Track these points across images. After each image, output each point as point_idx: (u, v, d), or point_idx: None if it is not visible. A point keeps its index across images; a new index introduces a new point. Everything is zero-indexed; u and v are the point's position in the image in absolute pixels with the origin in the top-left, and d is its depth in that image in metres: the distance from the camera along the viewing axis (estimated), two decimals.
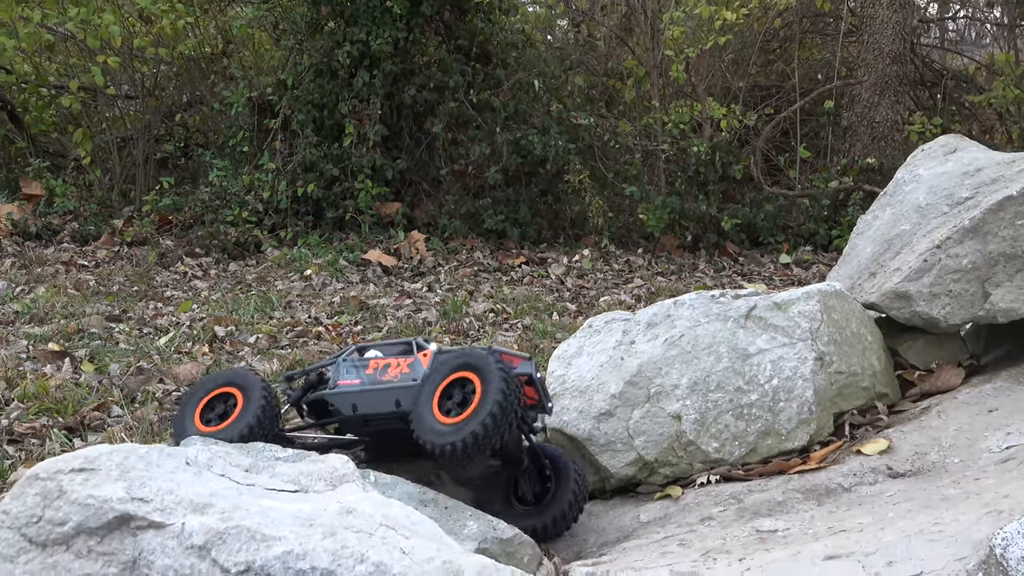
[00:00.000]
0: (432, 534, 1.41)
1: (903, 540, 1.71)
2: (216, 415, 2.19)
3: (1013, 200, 2.64)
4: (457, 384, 2.10)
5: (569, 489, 2.28)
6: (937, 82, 9.43)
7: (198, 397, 2.22)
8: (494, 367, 2.04)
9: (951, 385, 2.71)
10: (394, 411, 2.22)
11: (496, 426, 1.95)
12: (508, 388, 2.01)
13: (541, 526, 2.24)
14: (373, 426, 2.28)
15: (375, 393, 2.24)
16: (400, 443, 2.28)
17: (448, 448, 1.95)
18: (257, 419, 2.12)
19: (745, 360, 2.50)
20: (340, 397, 2.27)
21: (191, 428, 2.14)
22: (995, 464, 2.15)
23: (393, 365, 2.30)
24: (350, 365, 2.34)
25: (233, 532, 1.29)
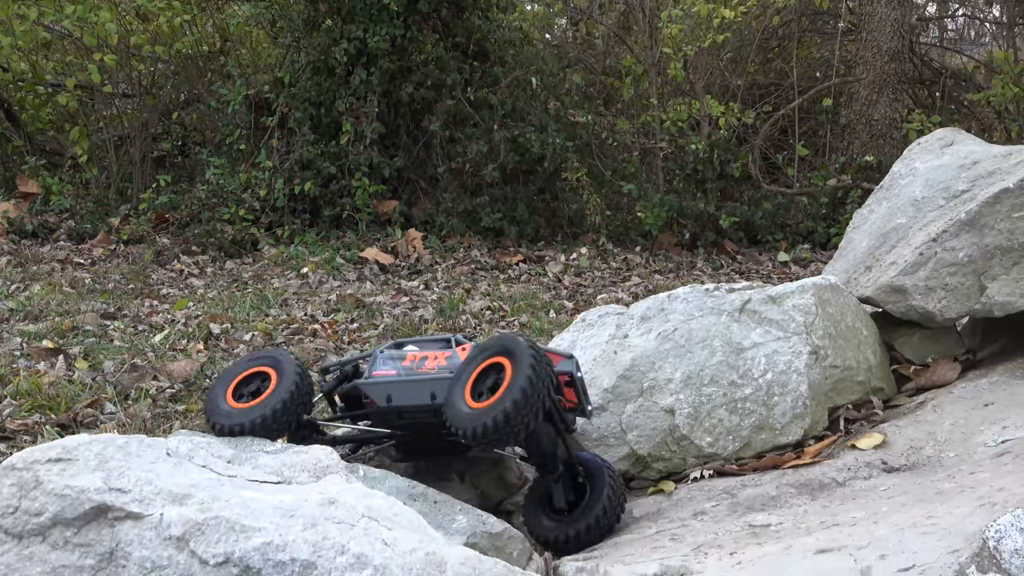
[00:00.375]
0: (415, 525, 1.39)
1: (896, 533, 1.69)
2: (249, 392, 2.15)
3: (1010, 193, 2.62)
4: (492, 369, 2.08)
5: (603, 496, 2.21)
6: (936, 80, 9.41)
7: (234, 373, 2.19)
8: (525, 350, 2.02)
9: (947, 379, 2.69)
10: (429, 403, 2.18)
11: (522, 407, 1.93)
12: (537, 369, 1.98)
13: (573, 535, 2.17)
14: (407, 419, 2.23)
15: (411, 384, 2.21)
16: (433, 438, 2.26)
17: (471, 430, 1.93)
18: (287, 399, 2.08)
19: (739, 354, 2.48)
20: (375, 387, 2.24)
21: (222, 404, 2.10)
22: (990, 458, 2.13)
23: (431, 358, 2.27)
24: (387, 357, 2.32)
25: (212, 523, 1.27)
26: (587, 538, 2.16)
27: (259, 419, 2.03)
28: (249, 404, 2.09)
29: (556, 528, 2.19)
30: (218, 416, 2.06)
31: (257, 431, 2.03)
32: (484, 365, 2.08)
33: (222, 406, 2.10)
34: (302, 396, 2.13)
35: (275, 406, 2.06)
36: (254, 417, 2.03)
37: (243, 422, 2.02)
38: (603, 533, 2.18)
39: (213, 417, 2.07)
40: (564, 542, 2.16)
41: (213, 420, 2.06)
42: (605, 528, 2.19)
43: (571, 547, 2.15)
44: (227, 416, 2.05)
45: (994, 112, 9.12)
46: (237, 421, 2.03)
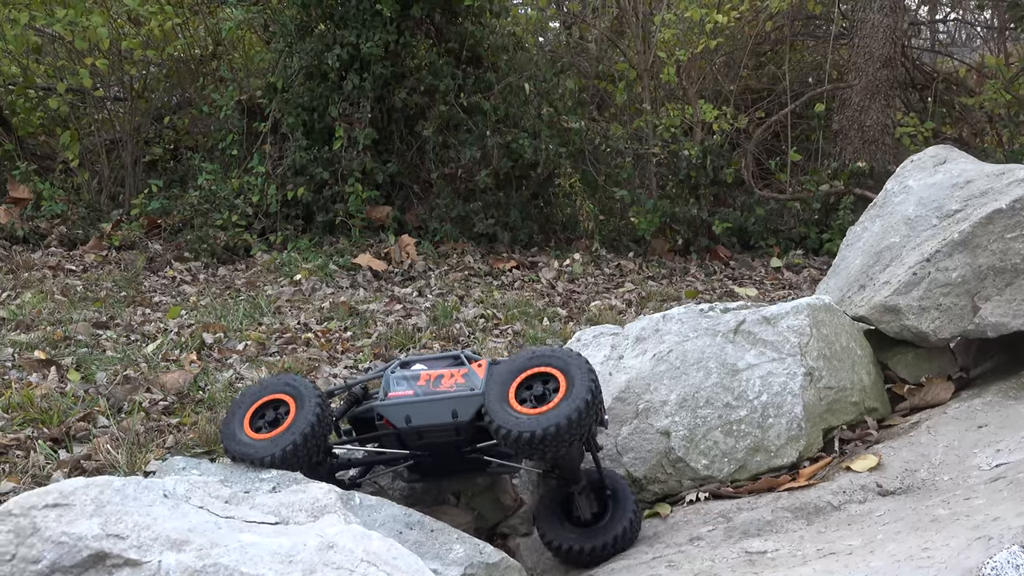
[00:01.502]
0: (413, 569, 1.38)
1: (892, 566, 1.70)
2: (266, 422, 2.14)
3: (1003, 213, 2.64)
4: (537, 378, 2.10)
5: (628, 512, 2.26)
6: (928, 85, 9.44)
7: (248, 402, 2.17)
8: (583, 365, 2.06)
9: (941, 399, 2.70)
10: (451, 422, 2.18)
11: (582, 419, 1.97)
12: (595, 386, 2.03)
13: (598, 546, 2.21)
14: (427, 438, 2.22)
15: (431, 404, 2.20)
16: (450, 458, 2.26)
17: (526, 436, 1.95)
18: (310, 430, 2.06)
19: (734, 375, 2.49)
20: (393, 409, 2.22)
21: (240, 434, 2.09)
22: (985, 483, 2.14)
23: (447, 376, 2.27)
24: (400, 377, 2.30)
25: (211, 570, 1.26)
26: (609, 551, 2.21)
27: (281, 452, 2.02)
28: (268, 435, 2.07)
29: (579, 539, 2.22)
30: (237, 447, 2.05)
31: (284, 463, 2.01)
32: (529, 373, 2.10)
33: (239, 435, 2.09)
34: (324, 426, 2.12)
35: (295, 440, 2.05)
36: (277, 450, 2.02)
37: (266, 455, 2.01)
38: (623, 548, 2.23)
39: (233, 449, 2.05)
40: (586, 552, 2.19)
41: (233, 452, 2.05)
42: (625, 543, 2.23)
43: (590, 559, 2.19)
44: (248, 448, 2.04)
45: (986, 117, 9.15)
46: (261, 454, 2.02)
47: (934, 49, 10.94)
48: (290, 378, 2.21)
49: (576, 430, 1.97)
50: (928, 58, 10.60)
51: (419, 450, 2.26)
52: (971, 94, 9.16)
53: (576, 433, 1.98)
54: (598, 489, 2.29)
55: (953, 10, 11.16)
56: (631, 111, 8.24)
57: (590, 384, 2.02)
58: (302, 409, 2.11)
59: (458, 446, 2.22)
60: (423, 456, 2.28)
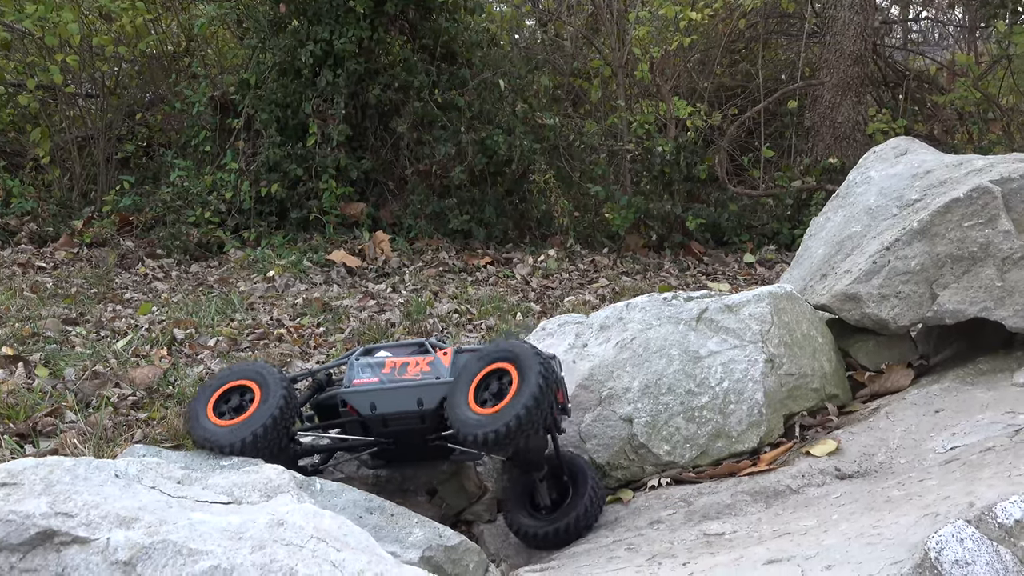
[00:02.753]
0: (364, 546, 1.39)
1: (843, 543, 1.72)
2: (230, 408, 2.11)
3: (960, 203, 2.68)
4: (494, 375, 2.10)
5: (586, 495, 2.27)
6: (900, 82, 9.53)
7: (213, 388, 2.15)
8: (533, 357, 2.05)
9: (900, 386, 2.74)
10: (416, 409, 2.19)
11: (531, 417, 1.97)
12: (547, 378, 2.02)
13: (554, 531, 2.22)
14: (392, 426, 2.23)
15: (396, 391, 2.21)
16: (414, 445, 2.26)
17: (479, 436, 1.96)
18: (275, 418, 2.04)
19: (696, 362, 2.51)
20: (358, 396, 2.22)
21: (203, 420, 2.07)
22: (939, 465, 2.17)
23: (412, 364, 2.27)
24: (365, 364, 2.30)
25: (159, 547, 1.27)
26: (568, 534, 2.22)
27: (241, 442, 1.99)
28: (232, 421, 2.05)
29: (538, 524, 2.24)
30: (202, 433, 2.03)
31: (247, 451, 1.99)
32: (487, 371, 2.09)
33: (203, 421, 2.07)
34: (289, 414, 2.09)
35: (264, 424, 2.02)
36: (237, 439, 1.99)
37: (227, 444, 1.99)
38: (583, 530, 2.24)
39: (196, 434, 2.04)
40: (545, 537, 2.20)
41: (196, 438, 2.02)
42: (584, 526, 2.25)
43: (552, 543, 2.21)
44: (212, 435, 2.02)
45: (956, 114, 9.26)
46: (223, 442, 1.99)
47: (906, 47, 11.05)
48: (257, 365, 2.20)
49: (529, 424, 1.97)
50: (900, 56, 10.71)
51: (384, 437, 2.27)
52: (942, 92, 9.26)
53: (530, 426, 1.98)
54: (557, 474, 2.30)
55: (924, 8, 11.28)
56: (606, 108, 8.27)
57: (539, 377, 2.01)
58: (267, 396, 2.09)
59: (423, 433, 2.23)
60: (387, 443, 2.29)
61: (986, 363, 2.74)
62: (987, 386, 2.59)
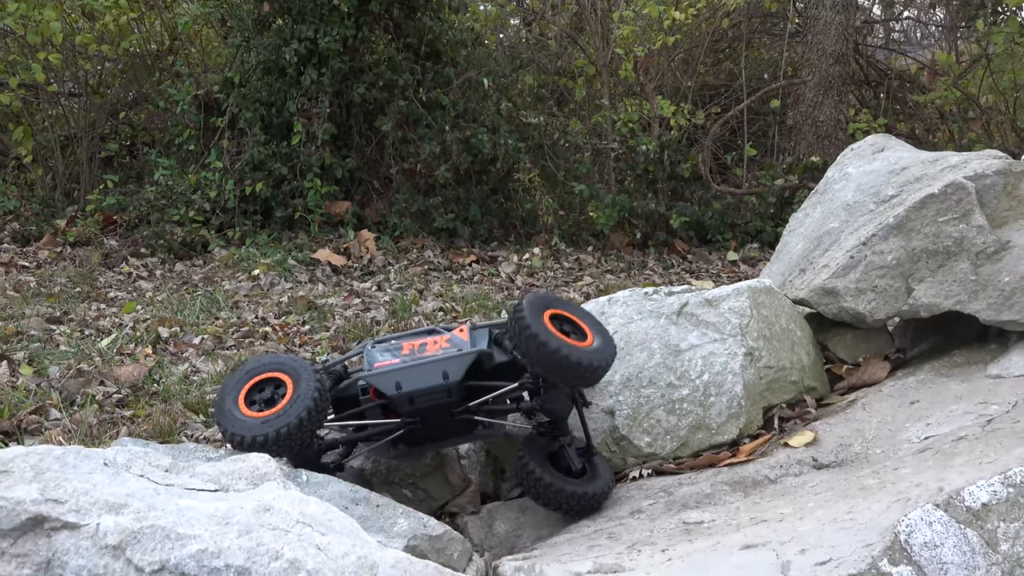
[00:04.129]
0: (349, 530, 1.42)
1: (818, 529, 1.77)
2: (262, 400, 2.09)
3: (935, 198, 2.73)
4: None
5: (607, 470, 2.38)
6: (882, 81, 9.63)
7: (243, 379, 2.12)
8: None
9: (877, 378, 2.79)
10: (442, 383, 2.20)
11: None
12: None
13: (591, 493, 2.29)
14: (418, 403, 2.23)
15: (420, 367, 2.22)
16: (440, 423, 2.27)
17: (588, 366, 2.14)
18: (310, 410, 2.02)
19: (677, 356, 2.55)
20: (382, 377, 2.22)
21: (235, 410, 2.03)
22: (913, 454, 2.22)
23: (431, 343, 2.30)
24: (382, 349, 2.31)
25: (148, 531, 1.29)
26: (598, 500, 2.31)
27: (284, 430, 1.96)
28: (266, 413, 2.02)
29: (569, 485, 2.29)
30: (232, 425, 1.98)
31: (280, 444, 1.96)
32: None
33: (234, 412, 2.02)
34: (321, 409, 2.07)
35: (299, 416, 2.00)
36: (278, 428, 1.96)
37: (266, 433, 1.95)
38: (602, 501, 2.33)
39: (228, 426, 1.98)
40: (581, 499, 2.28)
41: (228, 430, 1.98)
42: (605, 497, 2.34)
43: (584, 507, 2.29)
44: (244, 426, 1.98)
45: (937, 113, 9.36)
46: (259, 432, 1.96)
47: (888, 47, 11.16)
48: (288, 356, 2.18)
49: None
50: (883, 55, 10.81)
51: (410, 417, 2.26)
52: (924, 91, 9.36)
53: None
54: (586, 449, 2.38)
55: (906, 8, 11.39)
56: (590, 107, 8.32)
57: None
58: (300, 389, 2.07)
59: (449, 408, 2.24)
60: (414, 423, 2.28)
61: (961, 355, 2.79)
62: (961, 378, 2.65)
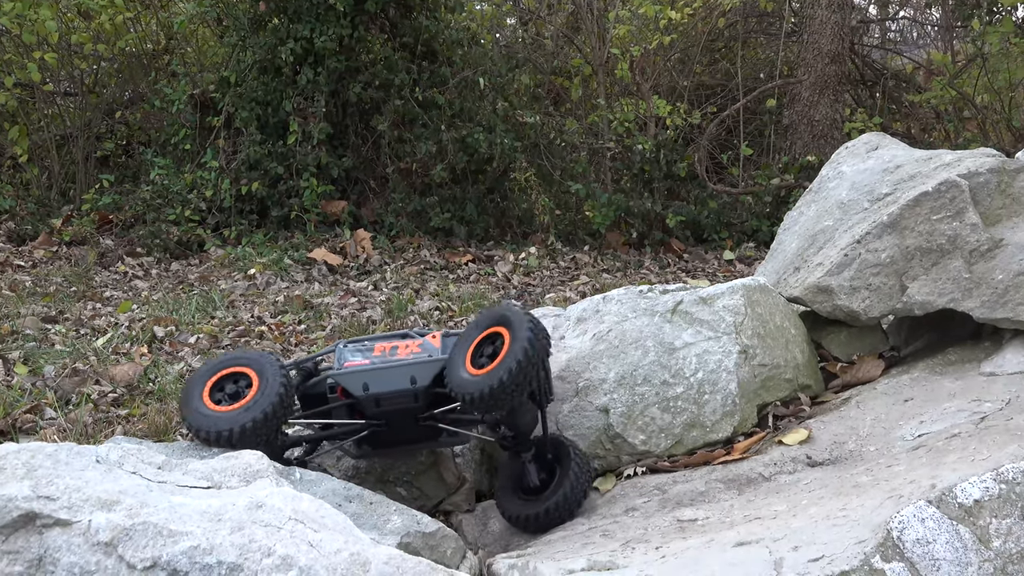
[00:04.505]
0: (341, 527, 1.43)
1: (811, 526, 1.77)
2: (227, 395, 2.10)
3: (929, 196, 2.73)
4: (488, 340, 2.16)
5: (569, 474, 2.29)
6: (877, 81, 9.64)
7: (208, 374, 2.13)
8: (523, 320, 2.11)
9: (871, 376, 2.80)
10: (410, 387, 2.22)
11: (521, 372, 2.03)
12: (535, 338, 2.08)
13: (542, 512, 2.25)
14: (385, 406, 2.24)
15: (389, 370, 2.23)
16: (405, 427, 2.28)
17: (472, 396, 2.04)
18: (274, 405, 2.03)
19: (671, 354, 2.56)
20: (350, 377, 2.24)
21: (199, 405, 2.04)
22: (907, 451, 2.23)
23: (402, 346, 2.30)
24: (354, 349, 2.32)
25: (140, 528, 1.29)
26: (555, 515, 2.25)
27: (249, 424, 1.97)
28: (230, 407, 2.03)
29: (526, 506, 2.27)
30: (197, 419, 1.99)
31: (244, 438, 1.96)
32: (483, 336, 2.15)
33: (198, 407, 2.03)
34: (286, 404, 2.08)
35: (264, 411, 2.01)
36: (242, 422, 1.97)
37: (230, 428, 1.96)
38: (571, 508, 2.27)
39: (192, 420, 2.00)
40: (534, 519, 2.24)
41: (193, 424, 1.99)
42: (573, 503, 2.27)
43: (541, 524, 2.23)
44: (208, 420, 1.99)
45: (933, 113, 9.37)
46: (223, 427, 1.97)
47: (884, 46, 11.17)
48: (254, 352, 2.20)
49: (518, 384, 2.04)
50: (879, 55, 10.82)
51: (375, 419, 2.28)
52: (920, 90, 9.37)
53: (519, 381, 2.04)
54: (543, 454, 2.34)
55: (902, 8, 11.41)
56: (586, 106, 8.32)
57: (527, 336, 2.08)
58: (265, 384, 2.08)
59: (415, 413, 2.25)
60: (378, 426, 2.30)
61: (955, 353, 2.80)
62: (955, 376, 2.65)
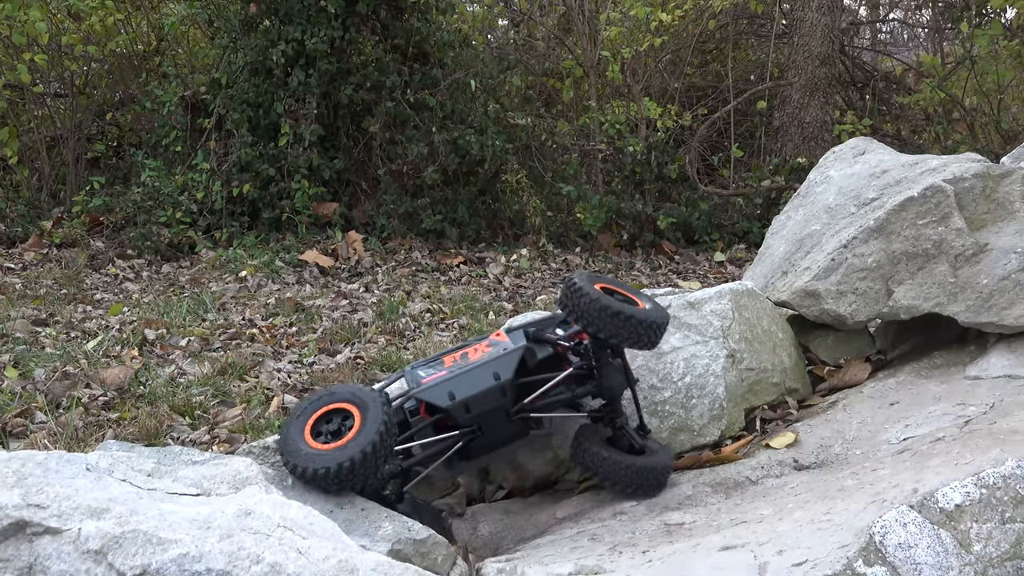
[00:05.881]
0: (330, 534, 1.44)
1: (796, 530, 1.79)
2: (329, 432, 2.06)
3: (915, 201, 2.76)
4: None
5: (663, 446, 2.41)
6: (867, 83, 9.69)
7: (310, 411, 2.10)
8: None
9: (858, 380, 2.82)
10: (495, 383, 2.22)
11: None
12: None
13: (658, 466, 2.32)
14: (475, 409, 2.23)
15: (470, 373, 2.24)
16: (497, 427, 2.28)
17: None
18: (375, 441, 1.98)
19: (659, 358, 2.57)
20: (434, 390, 2.22)
21: (300, 443, 2.00)
22: (892, 455, 2.25)
23: (471, 351, 2.31)
24: (422, 365, 2.33)
25: (130, 536, 1.30)
26: (665, 473, 2.35)
27: (347, 463, 1.94)
28: (332, 445, 1.99)
29: (638, 459, 2.32)
30: (297, 458, 1.96)
31: (344, 477, 1.94)
32: None
33: (300, 445, 1.99)
34: (388, 438, 2.03)
35: (363, 449, 1.97)
36: (341, 460, 1.94)
37: (329, 466, 1.94)
38: (667, 476, 2.37)
39: (292, 460, 1.97)
40: (651, 470, 2.32)
41: (292, 464, 1.96)
42: (669, 471, 2.38)
43: (652, 479, 2.32)
44: (310, 458, 1.96)
45: (923, 114, 9.42)
46: (323, 464, 1.94)
47: (875, 48, 11.23)
48: (356, 387, 2.15)
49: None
50: (870, 57, 10.88)
51: (467, 425, 2.26)
52: (910, 92, 9.42)
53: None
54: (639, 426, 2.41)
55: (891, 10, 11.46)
56: (578, 108, 8.35)
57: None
58: (367, 421, 2.04)
59: (506, 409, 2.26)
60: (472, 432, 2.28)
61: (941, 357, 2.82)
62: (941, 379, 2.68)
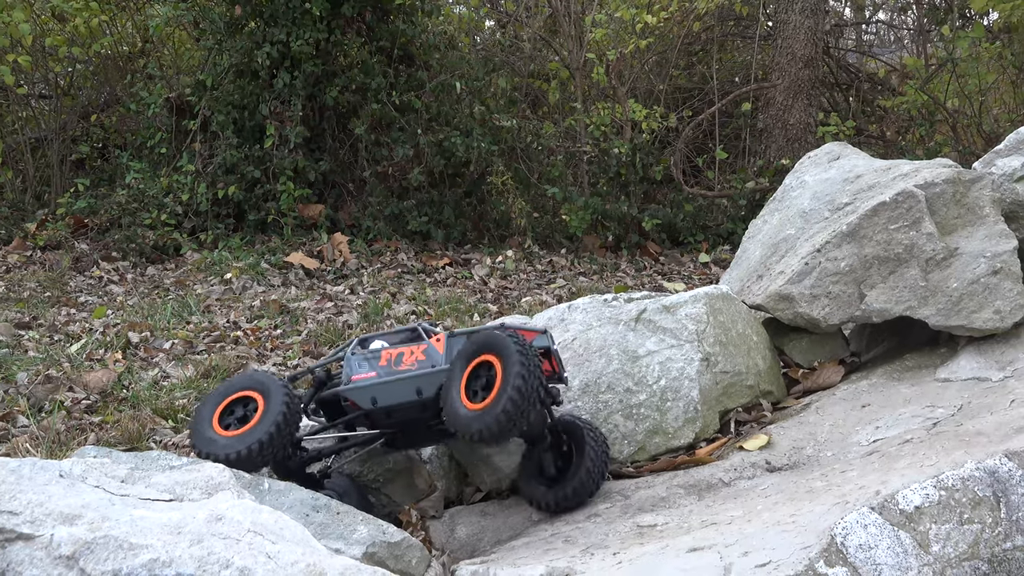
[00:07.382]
0: (299, 538, 1.46)
1: (761, 531, 1.83)
2: (235, 419, 2.17)
3: (886, 206, 2.80)
4: (483, 367, 2.15)
5: (586, 458, 2.34)
6: (851, 84, 9.75)
7: (216, 400, 2.21)
8: (513, 348, 2.09)
9: (831, 382, 2.86)
10: (416, 399, 2.25)
11: (519, 406, 2.01)
12: (528, 367, 2.06)
13: (563, 496, 2.31)
14: (395, 417, 2.28)
15: (394, 384, 2.27)
16: (421, 431, 2.33)
17: (476, 434, 2.03)
18: (278, 425, 2.11)
19: (635, 362, 2.61)
20: (358, 392, 2.28)
21: (209, 432, 2.12)
22: (861, 457, 2.29)
23: (407, 353, 2.33)
24: (361, 358, 2.35)
25: (101, 541, 1.33)
26: (576, 497, 2.32)
27: (256, 446, 2.07)
28: (237, 432, 2.11)
29: (549, 492, 2.33)
30: (207, 445, 2.09)
31: (253, 460, 2.07)
32: (474, 364, 2.15)
33: (208, 434, 2.12)
34: (290, 423, 2.16)
35: (264, 435, 2.09)
36: (248, 444, 2.07)
37: (238, 450, 2.06)
38: (592, 490, 2.34)
39: (203, 447, 2.09)
40: (557, 503, 2.31)
41: (203, 451, 2.08)
42: (593, 486, 2.34)
43: (563, 507, 2.31)
44: (217, 446, 2.08)
45: (907, 116, 9.48)
46: (232, 451, 2.06)
47: (859, 50, 11.29)
48: (258, 374, 2.27)
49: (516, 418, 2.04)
50: (854, 58, 10.94)
51: (391, 427, 2.33)
52: (894, 94, 9.48)
53: (518, 420, 2.04)
54: (558, 444, 2.39)
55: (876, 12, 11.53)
56: (564, 110, 8.38)
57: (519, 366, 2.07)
58: (270, 405, 2.16)
59: (425, 421, 2.29)
60: (394, 433, 2.35)
61: (912, 359, 2.87)
62: (912, 381, 2.72)
